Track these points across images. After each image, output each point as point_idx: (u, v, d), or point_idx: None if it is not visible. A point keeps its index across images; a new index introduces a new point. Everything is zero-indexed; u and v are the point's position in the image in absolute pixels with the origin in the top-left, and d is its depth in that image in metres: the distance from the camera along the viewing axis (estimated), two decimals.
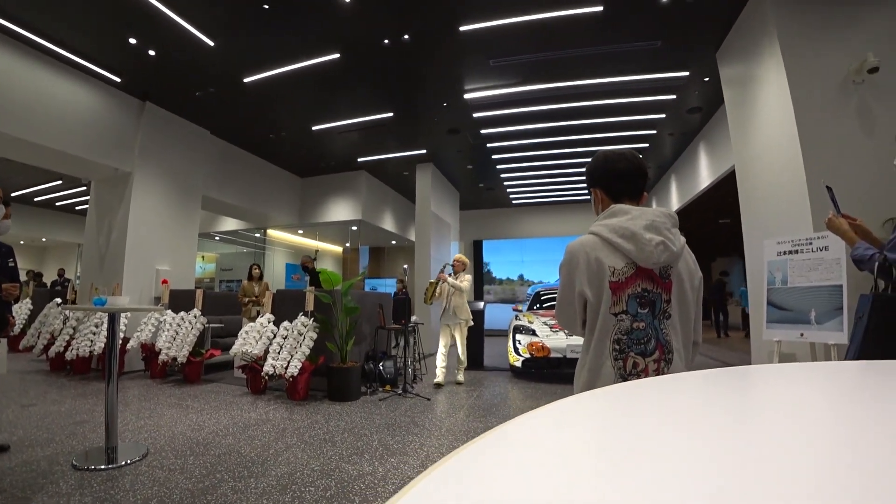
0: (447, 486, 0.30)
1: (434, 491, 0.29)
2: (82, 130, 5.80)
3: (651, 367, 1.22)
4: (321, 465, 2.90)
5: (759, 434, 0.43)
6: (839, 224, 1.75)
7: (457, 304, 5.61)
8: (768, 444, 0.39)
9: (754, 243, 4.52)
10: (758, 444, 0.39)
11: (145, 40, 5.09)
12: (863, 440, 0.38)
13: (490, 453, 0.38)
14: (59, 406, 4.30)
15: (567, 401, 0.54)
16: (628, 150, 1.40)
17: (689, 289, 1.30)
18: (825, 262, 3.29)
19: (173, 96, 6.49)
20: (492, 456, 0.38)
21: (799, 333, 3.38)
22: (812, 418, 0.49)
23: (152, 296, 6.54)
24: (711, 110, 6.85)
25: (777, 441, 0.40)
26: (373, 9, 4.56)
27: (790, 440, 0.40)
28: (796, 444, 0.38)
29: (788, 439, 0.40)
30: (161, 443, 3.30)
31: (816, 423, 0.47)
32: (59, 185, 10.89)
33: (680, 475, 0.31)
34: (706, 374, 0.69)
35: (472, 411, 4.42)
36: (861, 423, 0.45)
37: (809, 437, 0.41)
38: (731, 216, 7.42)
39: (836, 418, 0.48)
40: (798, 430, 0.44)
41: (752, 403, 0.60)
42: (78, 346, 5.75)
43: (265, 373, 4.79)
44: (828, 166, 3.58)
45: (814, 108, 3.74)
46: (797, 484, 0.28)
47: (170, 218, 6.90)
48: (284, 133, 7.87)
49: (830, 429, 0.44)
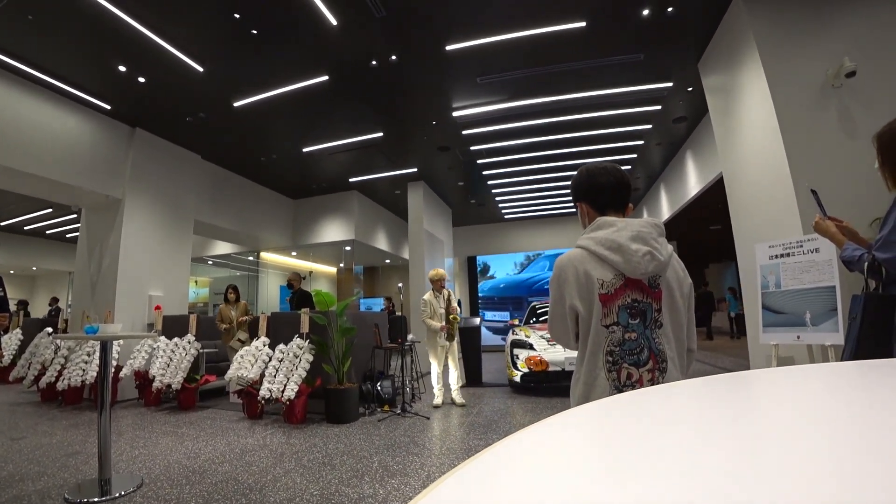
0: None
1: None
2: (72, 158, 5.79)
3: (645, 378, 1.22)
4: (320, 490, 2.85)
5: (764, 439, 0.43)
6: (826, 227, 1.77)
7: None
8: (774, 448, 0.39)
9: (746, 248, 4.56)
10: (763, 450, 0.39)
11: (134, 67, 5.13)
12: (866, 440, 0.38)
13: (489, 471, 0.38)
14: (50, 438, 4.21)
15: (563, 415, 0.54)
16: (611, 164, 1.42)
17: (679, 297, 1.30)
18: (817, 264, 3.32)
19: (163, 122, 6.51)
20: (491, 473, 0.37)
21: (795, 336, 3.40)
22: (814, 420, 0.49)
23: (145, 322, 6.47)
24: (697, 119, 6.97)
25: (783, 445, 0.40)
26: (360, 31, 4.63)
27: (795, 443, 0.40)
28: (802, 447, 0.38)
29: (793, 442, 0.40)
30: (156, 472, 3.23)
31: (819, 425, 0.46)
32: (50, 214, 10.82)
33: (686, 485, 0.31)
34: (705, 380, 0.68)
35: (473, 429, 4.37)
36: (863, 422, 0.45)
37: (813, 439, 0.41)
38: (722, 222, 7.49)
39: (838, 419, 0.48)
40: (802, 432, 0.43)
41: (754, 408, 0.60)
42: (70, 376, 5.65)
43: (261, 397, 4.72)
44: (813, 170, 3.64)
45: (796, 113, 3.82)
46: (808, 485, 0.28)
47: (162, 243, 6.87)
48: (275, 156, 7.90)
49: (834, 430, 0.44)
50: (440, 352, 5.47)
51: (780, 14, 4.01)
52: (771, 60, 3.95)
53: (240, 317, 6.33)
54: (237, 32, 4.57)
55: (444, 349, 5.48)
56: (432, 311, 5.45)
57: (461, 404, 5.40)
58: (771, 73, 3.92)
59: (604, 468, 0.37)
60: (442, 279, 5.55)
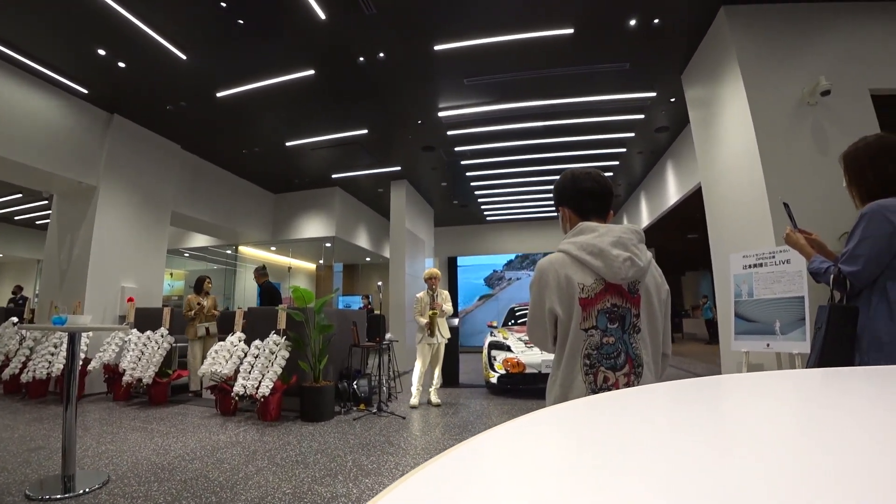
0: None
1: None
2: (45, 142, 5.60)
3: (621, 381, 1.24)
4: (293, 488, 2.81)
5: (731, 440, 0.44)
6: (796, 239, 1.83)
7: (440, 323, 5.48)
8: (740, 448, 0.40)
9: (721, 257, 4.67)
10: (730, 450, 0.40)
11: (115, 52, 4.99)
12: (826, 442, 0.40)
13: (456, 467, 0.38)
14: (11, 432, 4.06)
15: (537, 413, 0.54)
16: (594, 170, 1.44)
17: (657, 302, 1.33)
18: (787, 275, 3.42)
19: (143, 109, 6.35)
20: (458, 470, 0.37)
21: (765, 344, 3.49)
22: (778, 423, 0.50)
23: (117, 314, 6.30)
24: (678, 129, 7.11)
25: (748, 445, 0.41)
26: (348, 27, 4.59)
27: (759, 443, 0.41)
28: (765, 447, 0.39)
29: (758, 442, 0.41)
30: (123, 469, 3.15)
31: (781, 428, 0.48)
32: (19, 199, 10.45)
33: (650, 482, 0.31)
34: (677, 384, 0.70)
35: (449, 429, 4.37)
36: (824, 425, 0.46)
37: (776, 440, 0.42)
38: (699, 231, 7.65)
39: (801, 422, 0.50)
40: (766, 434, 0.45)
41: (723, 411, 0.61)
42: (35, 368, 5.46)
43: (235, 393, 4.65)
44: (787, 184, 3.75)
45: (773, 128, 3.93)
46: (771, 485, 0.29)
47: (137, 233, 6.70)
48: (257, 149, 7.78)
49: (796, 432, 0.46)
50: (426, 350, 5.46)
51: (762, 31, 4.12)
52: (751, 75, 4.05)
53: (211, 308, 6.19)
54: (223, 21, 4.49)
55: (432, 348, 5.47)
56: (422, 308, 5.48)
57: (437, 404, 5.41)
58: (751, 87, 4.03)
59: (571, 465, 0.37)
60: (435, 278, 5.58)
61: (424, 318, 5.42)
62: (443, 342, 5.51)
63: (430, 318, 5.38)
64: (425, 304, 5.48)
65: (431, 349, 5.47)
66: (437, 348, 5.49)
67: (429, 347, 5.46)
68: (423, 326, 5.42)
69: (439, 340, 5.44)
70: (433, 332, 5.39)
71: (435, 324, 5.39)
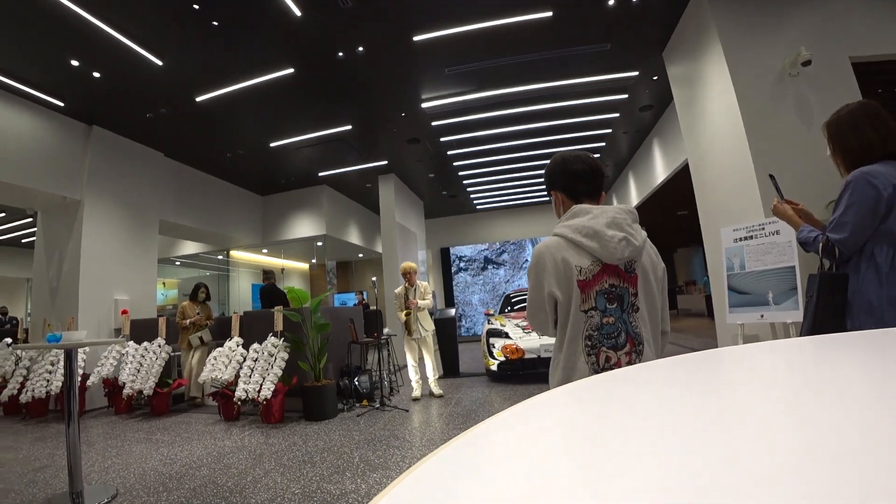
0: (417, 495, 0.30)
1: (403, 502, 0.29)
2: (24, 159, 5.51)
3: (623, 360, 1.26)
4: (302, 488, 2.83)
5: (731, 410, 0.45)
6: (784, 210, 1.85)
7: (421, 317, 5.45)
8: (740, 418, 0.41)
9: (711, 232, 4.71)
10: (729, 420, 0.41)
11: (88, 62, 4.90)
12: (822, 407, 0.41)
13: (464, 455, 0.38)
14: (15, 453, 4.04)
15: (540, 397, 0.55)
16: (583, 152, 1.45)
17: (654, 280, 1.34)
18: (778, 246, 3.46)
19: (122, 119, 6.25)
20: (465, 458, 0.38)
21: (759, 315, 3.54)
22: (775, 389, 0.52)
23: (112, 327, 6.25)
24: (662, 107, 7.12)
25: (749, 414, 0.42)
26: (325, 22, 4.54)
27: (760, 413, 0.42)
28: (766, 417, 0.40)
29: (758, 413, 0.42)
30: (131, 481, 3.14)
31: (778, 394, 0.49)
32: (2, 218, 10.29)
33: (656, 458, 0.32)
34: (676, 359, 0.71)
35: (452, 419, 4.40)
36: (819, 390, 0.48)
37: (773, 407, 0.43)
38: (689, 208, 7.71)
39: (796, 388, 0.51)
40: (764, 401, 0.46)
41: (723, 383, 0.62)
42: (33, 388, 5.41)
43: (237, 398, 4.64)
44: (773, 156, 3.78)
45: (756, 101, 3.95)
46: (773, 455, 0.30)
47: (126, 245, 6.63)
48: (241, 151, 7.70)
49: (792, 397, 0.47)
50: (413, 344, 5.49)
51: (741, 4, 4.13)
52: (732, 49, 4.07)
53: (206, 317, 6.12)
54: (197, 24, 4.41)
55: (417, 341, 5.48)
56: (400, 304, 5.47)
57: (439, 395, 5.44)
58: (732, 61, 4.04)
59: (577, 447, 0.38)
60: (411, 272, 5.49)
61: (402, 314, 5.41)
62: (427, 335, 5.47)
63: (406, 318, 5.38)
64: (402, 299, 5.45)
65: (418, 343, 5.49)
66: (421, 342, 5.48)
67: (414, 342, 5.48)
68: (403, 325, 5.42)
69: (422, 334, 5.42)
70: (411, 331, 5.39)
71: (411, 322, 5.38)
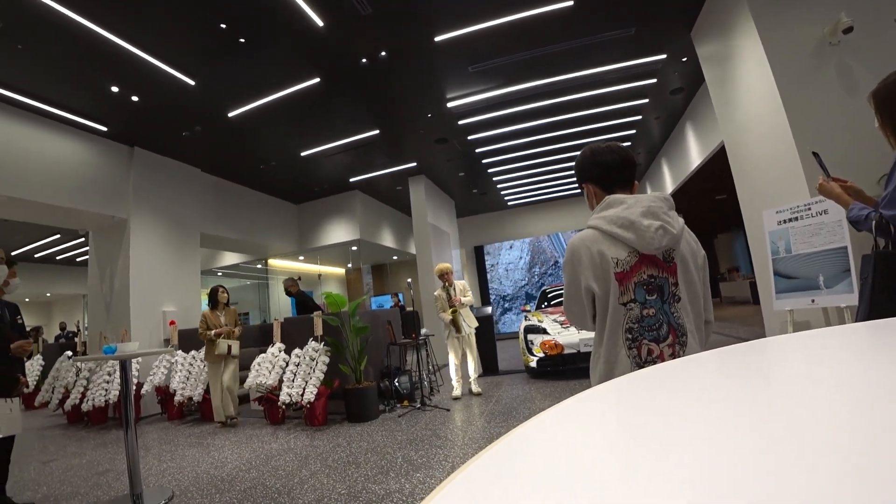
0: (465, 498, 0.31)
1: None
2: (74, 183, 5.84)
3: (666, 353, 1.22)
4: (347, 488, 2.88)
5: (787, 404, 0.43)
6: (831, 188, 1.75)
7: (464, 314, 5.50)
8: (797, 413, 0.39)
9: (753, 216, 4.52)
10: (786, 416, 0.39)
11: (126, 87, 5.15)
12: (885, 398, 0.39)
13: (509, 457, 0.38)
14: (80, 458, 4.29)
15: (584, 394, 0.54)
16: (613, 142, 1.42)
17: (694, 269, 1.30)
18: (826, 226, 3.29)
19: (161, 139, 6.53)
20: (511, 460, 0.38)
21: (810, 300, 3.37)
22: (833, 382, 0.49)
23: (161, 338, 6.55)
24: (693, 89, 6.89)
25: (804, 410, 0.40)
26: (347, 30, 4.60)
27: (818, 409, 0.40)
28: (824, 413, 0.39)
29: (816, 408, 0.40)
30: (185, 484, 3.28)
31: (837, 386, 0.47)
32: (58, 240, 10.94)
33: (708, 457, 0.31)
34: (722, 351, 0.68)
35: (493, 417, 4.39)
36: (883, 381, 0.45)
37: (831, 401, 0.41)
38: (727, 192, 7.42)
39: (857, 380, 0.48)
40: (821, 396, 0.44)
41: (775, 375, 0.60)
42: (93, 397, 5.74)
43: (282, 402, 4.77)
44: (815, 132, 3.59)
45: (794, 74, 3.77)
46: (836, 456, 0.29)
47: (170, 259, 6.93)
48: (274, 162, 7.91)
49: (852, 390, 0.44)
50: (456, 343, 5.51)
51: None
52: (765, 23, 3.89)
53: (233, 324, 5.40)
54: (225, 42, 4.56)
55: (461, 340, 5.50)
56: (442, 305, 5.51)
57: (478, 393, 5.45)
58: (766, 35, 3.86)
59: (621, 445, 0.37)
60: (446, 272, 5.56)
61: (447, 314, 5.46)
62: (471, 332, 5.53)
63: (453, 316, 5.41)
64: (443, 300, 5.52)
65: (461, 342, 5.52)
66: (465, 339, 5.52)
67: (458, 341, 5.51)
68: (448, 324, 5.47)
69: (466, 332, 5.47)
70: (459, 328, 5.42)
71: (458, 319, 5.41)
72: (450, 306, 5.43)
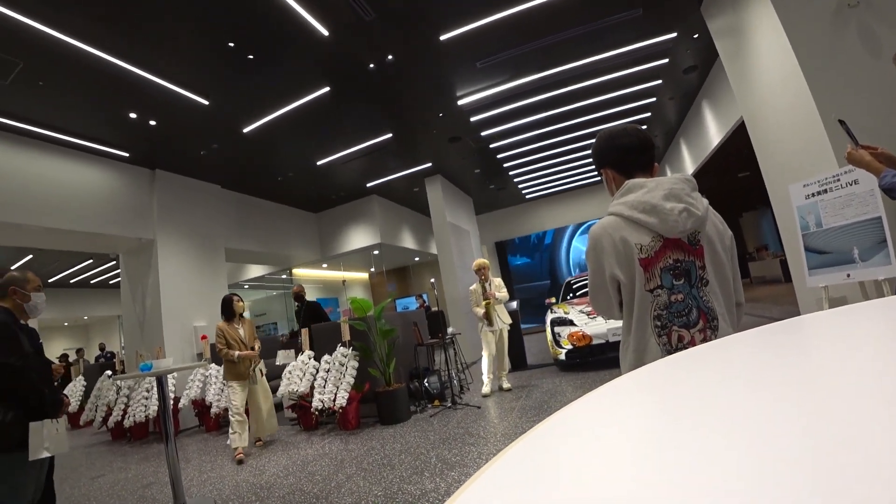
0: (497, 490, 0.30)
1: (484, 498, 0.29)
2: (100, 208, 6.04)
3: (697, 338, 1.19)
4: (384, 490, 2.91)
5: (827, 384, 0.41)
6: (860, 156, 1.69)
7: (499, 310, 5.52)
8: (839, 395, 0.38)
9: (779, 191, 4.38)
10: (826, 397, 0.38)
11: (144, 112, 5.29)
12: None
13: (541, 447, 0.38)
14: (125, 473, 4.43)
15: (614, 383, 0.53)
16: (630, 125, 1.38)
17: (722, 250, 1.26)
18: (858, 197, 3.16)
19: (180, 159, 6.70)
20: (543, 450, 0.37)
21: (845, 275, 3.25)
22: (882, 361, 0.47)
23: (194, 353, 6.71)
24: (707, 66, 6.72)
25: (847, 391, 0.38)
26: (352, 37, 4.63)
27: (862, 389, 0.38)
28: (870, 394, 0.37)
29: (860, 389, 0.39)
30: (226, 493, 3.36)
31: (880, 363, 0.45)
32: (91, 265, 11.34)
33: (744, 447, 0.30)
34: (755, 332, 0.66)
35: (525, 412, 4.37)
36: None
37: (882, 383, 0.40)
38: (750, 168, 7.21)
39: None
40: (868, 377, 0.42)
41: (813, 355, 0.58)
42: (134, 413, 5.93)
43: (314, 408, 4.84)
44: (839, 99, 3.46)
45: (812, 41, 3.63)
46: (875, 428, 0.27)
47: (198, 275, 7.09)
48: (291, 173, 8.03)
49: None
50: (490, 338, 5.51)
51: None
52: None
53: (251, 339, 4.70)
54: (234, 60, 4.65)
55: (496, 334, 5.50)
56: (476, 299, 5.57)
57: (508, 389, 5.46)
58: (779, 2, 3.74)
59: (655, 433, 0.37)
60: (484, 268, 5.62)
61: (481, 308, 5.47)
62: (504, 327, 5.53)
63: (486, 308, 5.41)
64: (479, 294, 5.55)
65: (495, 335, 5.51)
66: (500, 334, 5.52)
67: (492, 335, 5.50)
68: (481, 317, 5.46)
69: (500, 326, 5.47)
70: (491, 321, 5.42)
71: (492, 312, 5.41)
72: (484, 299, 5.45)
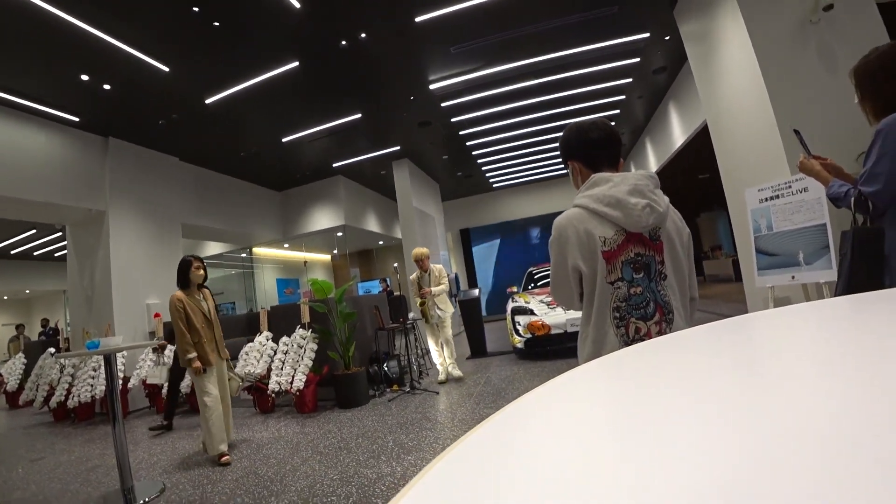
0: (447, 483, 0.30)
1: (434, 490, 0.29)
2: (47, 176, 5.66)
3: (654, 330, 1.23)
4: (339, 474, 2.90)
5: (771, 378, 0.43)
6: (811, 165, 1.77)
7: (438, 300, 5.48)
8: (781, 386, 0.39)
9: (735, 194, 4.58)
10: (770, 389, 0.39)
11: (97, 75, 4.97)
12: (863, 369, 0.39)
13: (496, 438, 0.38)
14: (68, 455, 4.24)
15: (572, 373, 0.54)
16: (599, 119, 1.40)
17: (680, 247, 1.31)
18: (806, 204, 3.34)
19: (136, 128, 6.35)
20: (498, 441, 0.38)
21: (790, 276, 3.44)
22: (813, 355, 0.50)
23: (146, 331, 6.46)
24: (676, 68, 6.89)
25: (788, 383, 0.40)
26: (325, 11, 4.49)
27: (801, 381, 0.40)
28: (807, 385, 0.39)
29: (799, 380, 0.41)
30: (176, 476, 3.27)
31: (817, 358, 0.47)
32: (34, 235, 10.66)
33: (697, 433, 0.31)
34: (707, 327, 0.69)
35: (482, 398, 4.44)
36: (859, 352, 0.46)
37: (817, 375, 0.42)
38: (710, 170, 7.49)
39: (835, 351, 0.49)
40: (806, 370, 0.44)
41: (759, 349, 0.60)
42: (79, 393, 5.66)
43: (271, 390, 4.76)
44: (796, 110, 3.63)
45: (775, 52, 3.78)
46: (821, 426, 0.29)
47: (152, 251, 6.79)
48: (255, 149, 7.76)
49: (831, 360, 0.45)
50: (433, 329, 5.56)
51: None
52: (746, 0, 3.89)
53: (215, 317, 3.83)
54: (199, 27, 4.42)
55: (436, 326, 5.53)
56: (416, 291, 5.56)
57: (458, 377, 5.49)
58: (748, 13, 3.87)
59: (610, 422, 0.37)
60: (423, 258, 5.53)
61: (418, 303, 5.51)
62: (446, 316, 5.51)
63: (421, 307, 5.43)
64: (417, 287, 5.56)
65: (437, 327, 5.55)
66: (440, 325, 5.53)
67: (434, 326, 5.55)
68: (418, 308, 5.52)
69: (436, 320, 5.48)
70: (427, 318, 5.46)
71: (427, 310, 5.43)
72: (419, 296, 5.46)
